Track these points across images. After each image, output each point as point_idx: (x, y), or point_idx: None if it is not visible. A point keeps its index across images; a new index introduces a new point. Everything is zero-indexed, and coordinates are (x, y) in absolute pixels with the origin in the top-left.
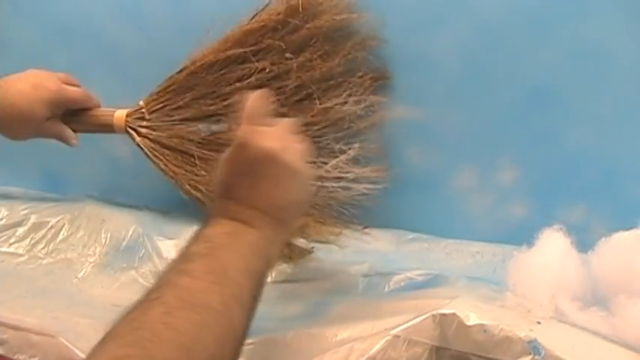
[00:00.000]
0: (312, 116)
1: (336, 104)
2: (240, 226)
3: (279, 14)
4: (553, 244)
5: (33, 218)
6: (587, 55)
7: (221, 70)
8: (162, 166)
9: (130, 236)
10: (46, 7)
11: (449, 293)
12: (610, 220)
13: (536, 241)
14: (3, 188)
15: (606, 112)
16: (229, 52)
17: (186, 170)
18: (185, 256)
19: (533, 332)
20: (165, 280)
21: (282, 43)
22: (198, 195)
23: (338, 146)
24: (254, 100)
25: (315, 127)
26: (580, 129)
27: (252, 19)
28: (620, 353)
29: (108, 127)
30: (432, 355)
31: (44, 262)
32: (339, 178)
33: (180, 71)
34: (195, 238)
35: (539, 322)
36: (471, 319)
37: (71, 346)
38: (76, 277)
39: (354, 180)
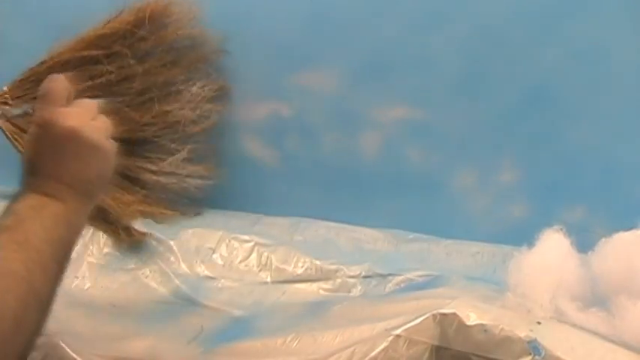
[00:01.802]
0: (152, 117)
1: (174, 109)
2: (45, 199)
3: (128, 23)
4: (553, 245)
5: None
6: (587, 55)
7: (75, 67)
8: (21, 149)
9: None
10: (46, 7)
11: (449, 293)
12: (610, 220)
13: (536, 241)
14: (3, 188)
15: (606, 112)
16: (84, 53)
17: None
18: None
19: (533, 332)
20: None
21: (128, 51)
22: None
23: (173, 146)
24: (52, 82)
25: (154, 128)
26: (580, 129)
27: (105, 24)
28: (620, 353)
29: None
30: (432, 355)
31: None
32: (174, 174)
33: (40, 64)
34: (5, 212)
35: (539, 322)
36: (472, 319)
37: (69, 350)
38: (76, 277)
39: (188, 175)
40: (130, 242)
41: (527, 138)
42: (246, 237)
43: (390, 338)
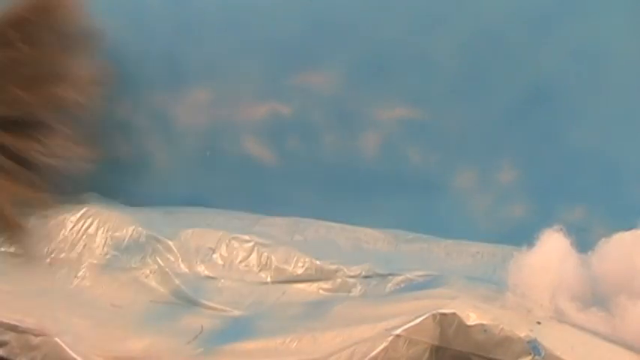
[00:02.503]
0: (41, 98)
1: (60, 91)
2: None
3: (22, 10)
4: (553, 244)
5: (33, 218)
6: (588, 55)
7: None
8: None
9: (130, 236)
10: None
11: (449, 293)
12: (610, 220)
13: (536, 241)
14: None
15: (606, 112)
16: None
17: None
18: None
19: (533, 332)
20: None
21: (21, 36)
22: None
23: (59, 127)
24: None
25: (41, 108)
26: (580, 129)
27: (3, 12)
28: (620, 353)
29: None
30: (432, 355)
31: (44, 261)
32: (60, 156)
33: None
34: None
35: (539, 322)
36: (471, 319)
37: (69, 350)
38: (76, 277)
39: (75, 157)
40: (7, 234)
41: (527, 138)
42: (246, 237)
43: (390, 338)
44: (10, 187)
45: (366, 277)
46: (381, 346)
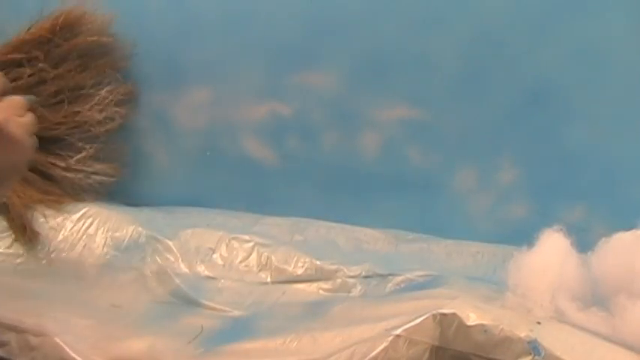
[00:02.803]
0: (64, 117)
1: (83, 110)
2: None
3: (45, 30)
4: (553, 244)
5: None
6: (587, 55)
7: (3, 69)
8: None
9: (130, 236)
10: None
11: (449, 293)
12: (610, 220)
13: (536, 241)
14: None
15: (606, 112)
16: (10, 56)
17: None
18: None
19: (533, 332)
20: None
21: (44, 56)
22: None
23: (81, 144)
24: None
25: (64, 127)
26: (580, 129)
27: (27, 30)
28: (620, 353)
29: None
30: (432, 355)
31: (44, 262)
32: (81, 171)
33: None
34: None
35: (539, 322)
36: (472, 319)
37: (69, 350)
38: (76, 277)
39: (94, 172)
40: (22, 240)
41: (527, 138)
42: (246, 237)
43: (390, 338)
44: (31, 197)
45: (366, 277)
46: (381, 346)
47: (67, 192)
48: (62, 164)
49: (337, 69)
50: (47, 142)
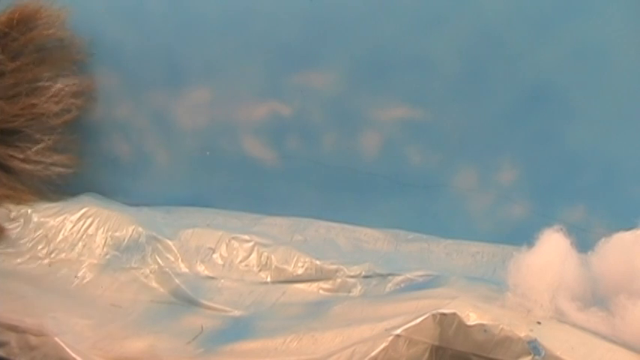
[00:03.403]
0: (21, 109)
1: (40, 102)
2: None
3: (1, 24)
4: (553, 244)
5: (34, 218)
6: (588, 54)
7: None
8: None
9: (130, 236)
10: None
11: (449, 293)
12: (610, 220)
13: (536, 241)
14: None
15: (606, 112)
16: None
17: None
18: None
19: (533, 332)
20: None
21: (1, 49)
22: None
23: (39, 136)
24: None
25: (22, 119)
26: (580, 129)
27: None
28: (620, 353)
29: None
30: (432, 355)
31: (44, 262)
32: (40, 162)
33: None
34: None
35: (539, 322)
36: (472, 319)
37: (69, 350)
38: (76, 277)
39: (52, 164)
40: None
41: (527, 138)
42: (246, 237)
43: (390, 338)
44: None
45: (366, 277)
46: (381, 346)
47: (27, 184)
48: (21, 156)
49: (337, 69)
50: (5, 134)
